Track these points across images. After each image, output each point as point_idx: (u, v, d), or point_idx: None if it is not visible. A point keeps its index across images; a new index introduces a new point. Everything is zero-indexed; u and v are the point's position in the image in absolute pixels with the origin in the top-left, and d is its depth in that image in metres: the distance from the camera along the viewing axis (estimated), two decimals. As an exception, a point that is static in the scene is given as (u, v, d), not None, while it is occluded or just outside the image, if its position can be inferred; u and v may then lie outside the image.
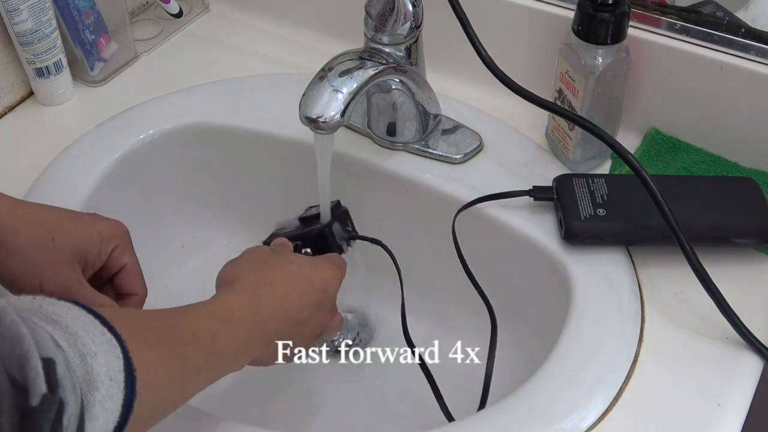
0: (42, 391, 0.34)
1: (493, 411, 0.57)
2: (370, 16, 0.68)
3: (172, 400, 0.47)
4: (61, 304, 0.40)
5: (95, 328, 0.40)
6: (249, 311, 0.54)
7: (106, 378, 0.39)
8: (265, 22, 0.91)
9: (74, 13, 0.81)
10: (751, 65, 0.68)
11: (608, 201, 0.66)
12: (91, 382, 0.38)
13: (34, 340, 0.35)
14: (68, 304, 0.41)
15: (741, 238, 0.65)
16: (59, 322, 0.39)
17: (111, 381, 0.39)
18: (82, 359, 0.38)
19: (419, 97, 0.72)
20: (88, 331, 0.39)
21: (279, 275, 0.58)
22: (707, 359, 0.60)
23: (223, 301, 0.54)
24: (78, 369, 0.38)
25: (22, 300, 0.40)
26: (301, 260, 0.61)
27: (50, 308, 0.40)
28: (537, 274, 0.68)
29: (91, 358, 0.38)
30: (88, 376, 0.38)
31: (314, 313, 0.59)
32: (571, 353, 0.59)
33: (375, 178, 0.75)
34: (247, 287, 0.55)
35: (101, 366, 0.39)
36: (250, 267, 0.58)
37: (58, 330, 0.38)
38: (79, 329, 0.39)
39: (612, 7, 0.64)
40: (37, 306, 0.40)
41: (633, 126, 0.75)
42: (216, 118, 0.79)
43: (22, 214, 0.57)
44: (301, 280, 0.58)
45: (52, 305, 0.40)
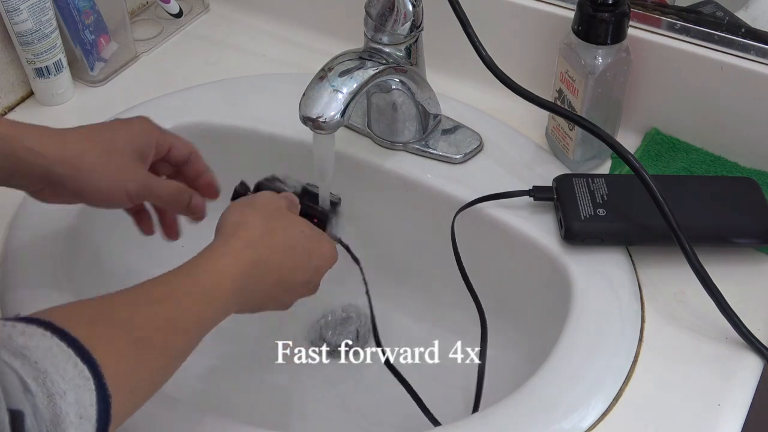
0: None
1: (493, 411, 0.57)
2: (370, 16, 0.68)
3: (152, 392, 0.46)
4: (31, 332, 0.39)
5: (67, 360, 0.39)
6: (240, 280, 0.52)
7: (75, 417, 0.38)
8: (265, 22, 0.91)
9: (74, 13, 0.81)
10: (751, 65, 0.68)
11: (608, 201, 0.66)
12: (59, 424, 0.37)
13: (3, 388, 0.35)
14: (40, 330, 0.40)
15: (741, 238, 0.65)
16: (29, 357, 0.38)
17: (81, 419, 0.38)
18: (51, 400, 0.37)
19: (419, 97, 0.72)
20: (59, 366, 0.39)
21: (284, 240, 0.56)
22: (707, 359, 0.60)
23: (217, 270, 0.52)
24: (46, 411, 0.37)
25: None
26: (309, 231, 0.59)
27: (20, 339, 0.39)
28: (537, 274, 0.68)
29: (60, 399, 0.38)
30: (56, 419, 0.37)
31: (299, 288, 0.58)
32: (571, 353, 0.59)
33: (375, 178, 0.75)
34: (246, 246, 0.54)
35: (70, 405, 0.38)
36: (260, 219, 0.56)
37: (26, 367, 0.38)
38: (49, 365, 0.38)
39: (612, 7, 0.64)
40: (7, 335, 0.39)
41: (633, 126, 0.75)
42: (216, 118, 0.79)
43: (75, 135, 0.58)
44: (301, 253, 0.57)
45: (23, 335, 0.39)
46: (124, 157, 0.58)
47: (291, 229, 0.58)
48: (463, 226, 0.70)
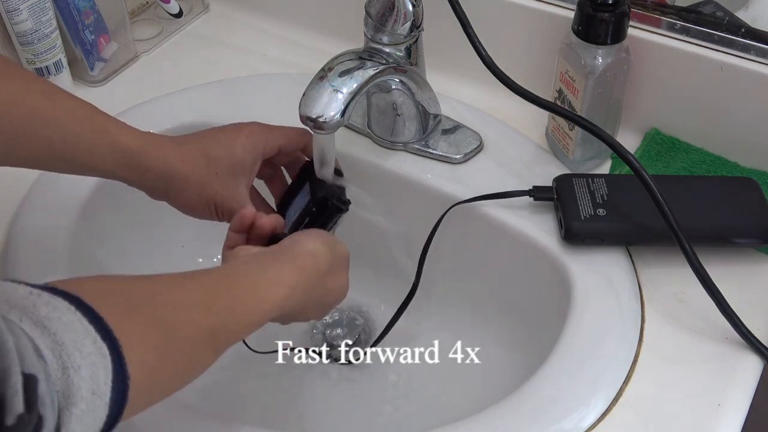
0: (18, 411, 0.33)
1: (493, 411, 0.57)
2: (370, 16, 0.68)
3: (177, 386, 0.46)
4: (56, 304, 0.39)
5: (86, 335, 0.39)
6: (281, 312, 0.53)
7: (87, 392, 0.38)
8: (265, 22, 0.91)
9: (74, 13, 0.81)
10: (751, 65, 0.68)
11: (608, 201, 0.66)
12: (70, 397, 0.37)
13: (18, 352, 0.34)
14: (65, 304, 0.39)
15: (741, 238, 0.65)
16: (49, 327, 0.38)
17: (93, 395, 0.38)
18: (64, 372, 0.37)
19: (419, 97, 0.72)
20: (77, 341, 0.38)
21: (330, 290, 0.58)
22: (707, 359, 0.60)
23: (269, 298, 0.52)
24: (58, 383, 0.37)
25: (19, 292, 0.39)
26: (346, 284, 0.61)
27: (44, 309, 0.38)
28: (537, 274, 0.68)
29: (74, 372, 0.37)
30: (67, 391, 0.37)
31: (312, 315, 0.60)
32: (571, 353, 0.59)
33: (375, 178, 0.75)
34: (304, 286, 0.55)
35: (83, 380, 0.38)
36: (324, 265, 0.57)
37: (45, 337, 0.37)
38: (67, 338, 0.38)
39: (612, 7, 0.64)
40: (31, 304, 0.38)
41: (633, 126, 0.75)
42: (216, 118, 0.79)
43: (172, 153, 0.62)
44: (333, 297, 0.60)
45: (47, 306, 0.39)
46: (223, 176, 0.62)
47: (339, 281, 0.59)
48: (463, 226, 0.70)
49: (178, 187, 0.61)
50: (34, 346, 0.36)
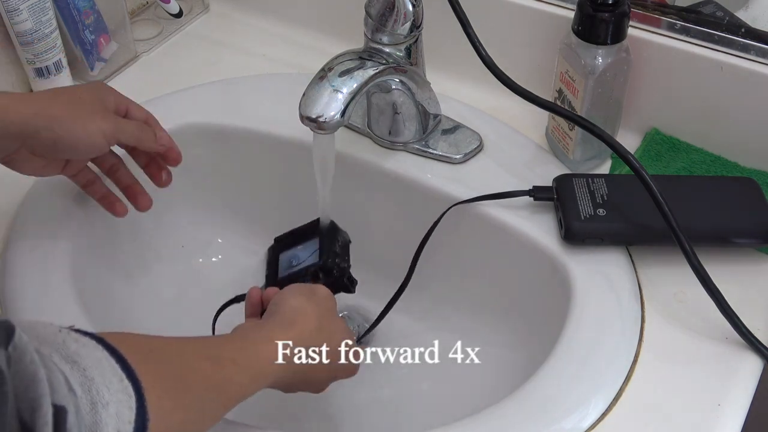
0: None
1: (493, 411, 0.57)
2: (370, 16, 0.68)
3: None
4: (85, 341, 0.40)
5: (114, 374, 0.40)
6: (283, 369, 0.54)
7: (113, 430, 0.38)
8: (265, 22, 0.91)
9: (74, 13, 0.81)
10: (751, 65, 0.68)
11: (608, 201, 0.66)
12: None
13: (50, 383, 0.35)
14: (92, 342, 0.40)
15: (741, 238, 0.65)
16: (79, 363, 0.39)
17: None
18: (93, 407, 0.38)
19: (419, 97, 0.72)
20: (105, 377, 0.39)
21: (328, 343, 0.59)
22: (707, 359, 0.60)
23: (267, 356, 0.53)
24: (87, 417, 0.37)
25: (48, 330, 0.40)
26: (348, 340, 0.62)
27: (73, 346, 0.39)
28: (537, 274, 0.68)
29: (102, 408, 0.38)
30: (95, 426, 0.37)
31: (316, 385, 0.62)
32: (571, 353, 0.59)
33: (375, 178, 0.75)
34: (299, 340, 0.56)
35: (111, 417, 0.38)
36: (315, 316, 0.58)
37: (75, 372, 0.38)
38: (97, 374, 0.39)
39: (612, 7, 0.64)
40: (61, 341, 0.39)
41: (633, 126, 0.75)
42: (216, 118, 0.79)
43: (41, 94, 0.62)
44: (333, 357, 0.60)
45: (76, 342, 0.40)
46: (91, 104, 0.61)
47: (336, 334, 0.60)
48: (463, 226, 0.70)
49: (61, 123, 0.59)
50: (65, 380, 0.37)
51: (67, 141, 0.59)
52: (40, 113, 0.58)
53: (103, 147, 0.62)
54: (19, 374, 0.34)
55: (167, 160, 0.69)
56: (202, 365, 0.48)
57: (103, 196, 0.69)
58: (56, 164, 0.64)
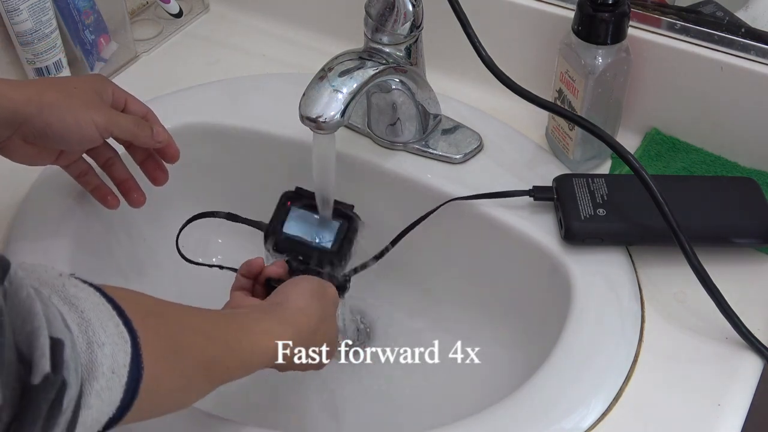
0: (45, 371, 0.34)
1: (493, 411, 0.57)
2: (370, 16, 0.68)
3: (173, 406, 0.47)
4: (84, 287, 0.40)
5: (110, 318, 0.40)
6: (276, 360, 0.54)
7: (108, 370, 0.38)
8: (265, 22, 0.91)
9: (74, 13, 0.81)
10: (751, 65, 0.68)
11: (608, 201, 0.66)
12: (93, 371, 0.38)
13: (46, 318, 0.35)
14: (91, 289, 0.41)
15: (741, 238, 0.65)
16: (77, 305, 0.39)
17: (113, 374, 0.39)
18: (89, 346, 0.38)
19: (419, 97, 0.72)
20: (102, 321, 0.39)
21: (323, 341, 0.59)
22: (707, 359, 0.60)
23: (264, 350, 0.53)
24: (82, 355, 0.38)
25: (49, 274, 0.40)
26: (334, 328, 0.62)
27: (72, 290, 0.40)
28: (537, 274, 0.68)
29: (98, 348, 0.38)
30: (90, 365, 0.38)
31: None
32: (571, 353, 0.59)
33: (375, 178, 0.75)
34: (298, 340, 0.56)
35: (106, 357, 0.38)
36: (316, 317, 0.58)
37: (72, 313, 0.38)
38: (93, 317, 0.39)
39: (612, 7, 0.64)
40: (61, 284, 0.40)
41: (633, 126, 0.75)
42: (216, 118, 0.79)
43: (36, 82, 0.62)
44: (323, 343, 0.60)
45: (75, 287, 0.40)
46: (86, 95, 0.61)
47: (330, 333, 0.60)
48: (463, 226, 0.70)
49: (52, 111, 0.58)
50: (62, 317, 0.37)
51: (58, 129, 0.59)
52: (33, 100, 0.58)
53: (95, 139, 0.61)
54: (16, 308, 0.35)
55: (165, 157, 0.68)
56: (196, 339, 0.48)
57: (96, 187, 0.68)
58: (48, 153, 0.63)
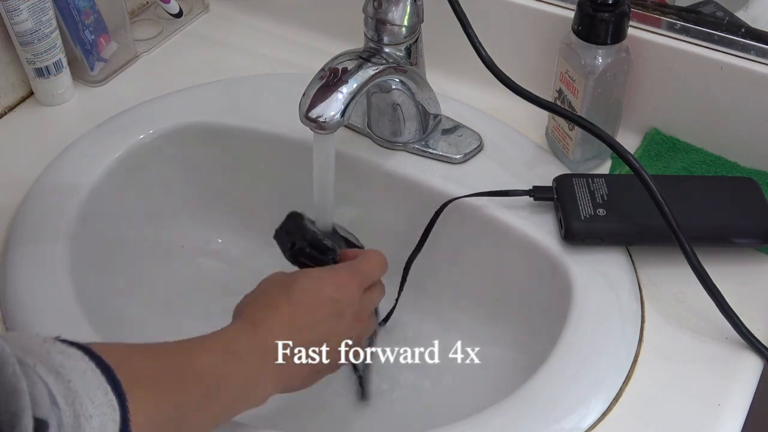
0: None
1: (493, 411, 0.57)
2: (369, 16, 0.68)
3: None
4: (70, 352, 0.40)
5: (99, 386, 0.39)
6: (255, 340, 0.52)
7: None
8: (265, 22, 0.91)
9: (74, 13, 0.81)
10: (751, 65, 0.68)
11: (608, 201, 0.66)
12: None
13: (32, 396, 0.35)
14: (79, 353, 0.40)
15: (741, 238, 0.65)
16: (63, 374, 0.38)
17: None
18: (76, 420, 0.37)
19: (419, 97, 0.72)
20: (89, 390, 0.39)
21: (285, 296, 0.55)
22: (707, 359, 0.60)
23: (228, 331, 0.52)
24: (69, 430, 0.37)
25: (32, 341, 0.39)
26: (310, 274, 0.58)
27: (58, 358, 0.39)
28: (537, 274, 0.68)
29: (86, 421, 0.38)
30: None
31: (334, 325, 0.57)
32: (571, 353, 0.59)
33: (375, 178, 0.75)
34: (253, 314, 0.54)
35: (94, 430, 0.38)
36: (259, 294, 0.56)
37: (58, 384, 0.38)
38: (81, 387, 0.38)
39: (612, 7, 0.64)
40: (46, 351, 0.39)
41: (633, 126, 0.75)
42: (216, 118, 0.79)
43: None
44: (309, 295, 0.56)
45: (61, 354, 0.39)
46: None
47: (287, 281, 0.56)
48: (463, 226, 0.70)
49: None
50: (48, 392, 0.37)
51: None
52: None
53: None
54: (1, 386, 0.34)
55: None
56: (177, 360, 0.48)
57: None
58: None
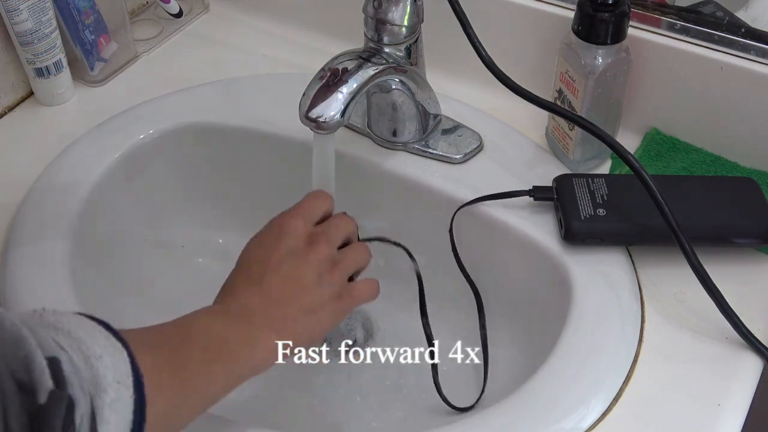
0: (49, 387, 0.33)
1: (493, 411, 0.57)
2: (369, 16, 0.68)
3: (186, 406, 0.46)
4: (62, 312, 0.40)
5: (99, 332, 0.39)
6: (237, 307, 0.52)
7: (113, 381, 0.37)
8: (265, 22, 0.91)
9: (74, 13, 0.81)
10: (751, 65, 0.68)
11: (608, 201, 0.66)
12: (99, 384, 0.37)
13: (37, 341, 0.35)
14: (70, 312, 0.40)
15: (741, 238, 0.65)
16: (61, 327, 0.38)
17: (119, 384, 0.38)
18: (87, 362, 0.37)
19: (419, 97, 0.72)
20: (93, 335, 0.39)
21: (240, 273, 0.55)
22: (707, 359, 0.60)
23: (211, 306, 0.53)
24: (84, 371, 0.36)
25: (22, 312, 0.40)
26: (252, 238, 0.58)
27: (51, 318, 0.39)
28: (537, 274, 0.68)
29: (97, 361, 0.37)
30: (94, 379, 0.37)
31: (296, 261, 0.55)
32: (571, 353, 0.59)
33: (375, 178, 0.75)
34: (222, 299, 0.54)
35: (107, 368, 0.37)
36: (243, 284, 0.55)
37: (60, 335, 0.38)
38: (83, 333, 0.38)
39: (612, 7, 0.64)
40: (38, 315, 0.39)
41: (633, 126, 0.75)
42: (216, 118, 0.79)
43: None
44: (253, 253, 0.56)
45: (53, 315, 0.39)
46: None
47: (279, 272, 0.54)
48: (463, 226, 0.70)
49: None
50: (53, 339, 0.36)
51: None
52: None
53: None
54: (3, 338, 0.34)
55: None
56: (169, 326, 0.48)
57: None
58: None
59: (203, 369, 0.47)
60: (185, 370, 0.46)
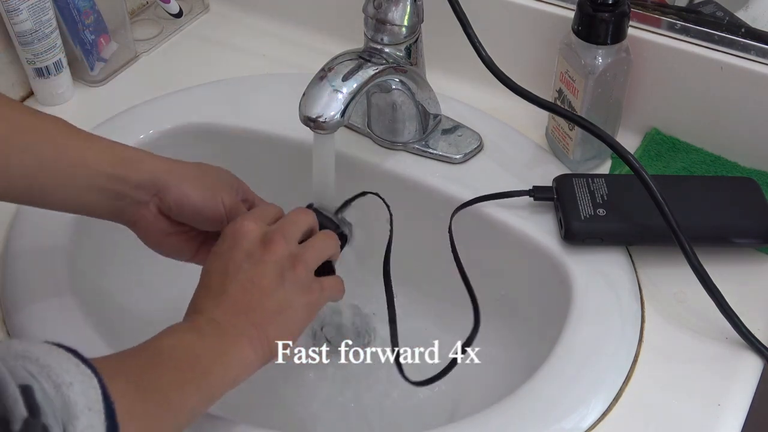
0: (23, 416, 0.33)
1: (493, 411, 0.57)
2: (370, 16, 0.68)
3: (161, 428, 0.45)
4: (30, 341, 0.40)
5: (68, 360, 0.39)
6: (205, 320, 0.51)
7: (85, 408, 0.37)
8: (265, 22, 0.91)
9: (74, 13, 0.81)
10: (751, 65, 0.68)
11: (608, 201, 0.66)
12: (70, 412, 0.37)
13: (8, 370, 0.34)
14: (37, 341, 0.40)
15: (741, 238, 0.65)
16: (30, 356, 0.38)
17: (90, 411, 0.38)
18: (58, 390, 0.37)
19: (419, 97, 0.72)
20: (62, 363, 0.38)
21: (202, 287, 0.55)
22: (707, 359, 0.60)
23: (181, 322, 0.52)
24: (55, 399, 0.36)
25: None
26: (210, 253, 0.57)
27: (19, 346, 0.39)
28: (537, 274, 0.68)
29: (67, 388, 0.37)
30: (66, 407, 0.37)
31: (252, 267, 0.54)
32: (571, 353, 0.59)
33: (375, 178, 0.75)
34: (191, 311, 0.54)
35: (78, 396, 0.37)
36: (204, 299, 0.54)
37: (29, 363, 0.37)
38: (52, 361, 0.38)
39: (612, 7, 0.64)
40: (5, 347, 0.39)
41: (633, 126, 0.75)
42: (216, 118, 0.79)
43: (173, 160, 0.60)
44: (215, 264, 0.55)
45: (21, 344, 0.39)
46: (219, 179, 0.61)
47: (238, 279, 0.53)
48: (463, 226, 0.70)
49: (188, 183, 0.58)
50: (23, 367, 0.36)
51: (194, 201, 0.58)
52: (173, 171, 0.58)
53: (221, 220, 0.59)
54: None
55: None
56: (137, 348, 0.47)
57: None
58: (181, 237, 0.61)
59: (176, 390, 0.47)
60: (157, 393, 0.45)
